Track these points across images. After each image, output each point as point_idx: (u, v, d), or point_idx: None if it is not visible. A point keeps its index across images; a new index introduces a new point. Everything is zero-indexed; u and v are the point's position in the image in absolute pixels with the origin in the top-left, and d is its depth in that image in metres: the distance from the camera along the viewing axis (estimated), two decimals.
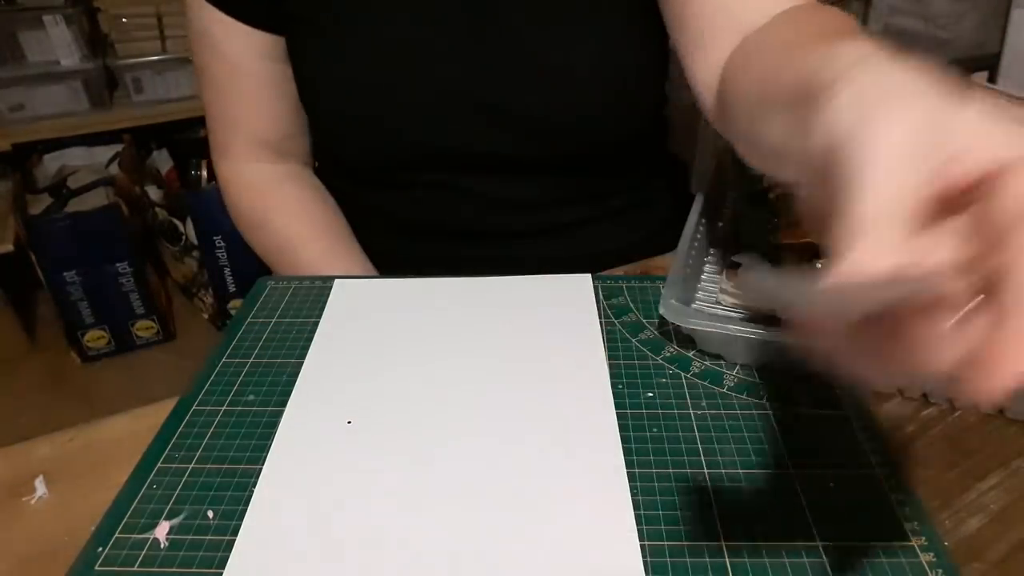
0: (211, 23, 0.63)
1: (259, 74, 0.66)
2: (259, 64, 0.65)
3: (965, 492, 0.41)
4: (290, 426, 0.46)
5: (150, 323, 1.73)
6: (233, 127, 0.69)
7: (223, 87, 0.67)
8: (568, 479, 0.42)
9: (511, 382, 0.49)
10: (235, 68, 0.65)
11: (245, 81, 0.66)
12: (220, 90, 0.67)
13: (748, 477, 0.42)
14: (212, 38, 0.64)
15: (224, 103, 0.68)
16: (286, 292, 0.59)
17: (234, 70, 0.65)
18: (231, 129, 0.69)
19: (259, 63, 0.65)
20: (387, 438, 0.45)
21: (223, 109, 0.68)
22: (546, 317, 0.55)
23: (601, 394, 0.47)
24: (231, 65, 0.65)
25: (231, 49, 0.64)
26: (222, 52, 0.64)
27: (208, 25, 0.63)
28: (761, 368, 0.50)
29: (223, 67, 0.65)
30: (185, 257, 1.83)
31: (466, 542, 0.38)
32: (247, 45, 0.64)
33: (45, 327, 1.78)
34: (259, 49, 0.64)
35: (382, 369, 0.50)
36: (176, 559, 0.38)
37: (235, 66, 0.65)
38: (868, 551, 0.37)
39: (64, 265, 1.58)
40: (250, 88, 0.66)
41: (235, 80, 0.66)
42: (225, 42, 0.63)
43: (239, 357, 0.52)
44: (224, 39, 0.63)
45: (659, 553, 0.37)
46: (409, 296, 0.58)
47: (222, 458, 0.44)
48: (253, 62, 0.65)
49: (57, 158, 1.78)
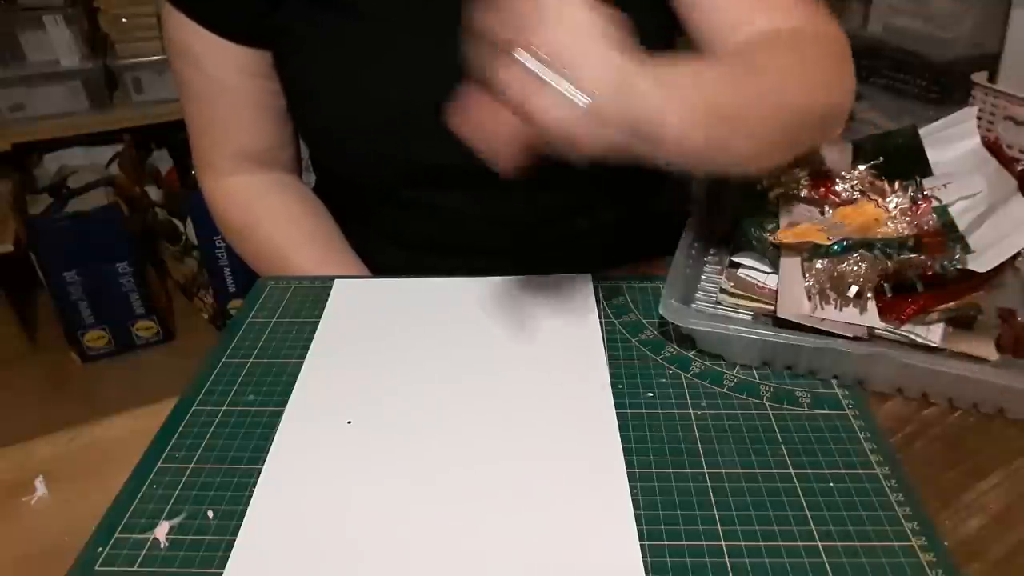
0: (191, 38, 0.61)
1: (241, 90, 0.64)
2: (241, 80, 0.63)
3: (965, 492, 0.41)
4: (290, 426, 0.46)
5: (150, 323, 1.73)
6: (216, 141, 0.67)
7: (204, 102, 0.65)
8: (568, 479, 0.42)
9: (511, 382, 0.49)
10: (217, 83, 0.63)
11: (228, 97, 0.64)
12: (201, 105, 0.66)
13: (748, 477, 0.42)
14: (192, 53, 0.62)
15: (206, 117, 0.66)
16: (286, 292, 0.59)
17: (216, 85, 0.64)
18: (214, 143, 0.67)
19: (241, 79, 0.63)
20: (387, 438, 0.45)
21: (205, 124, 0.67)
22: (546, 317, 0.55)
23: (601, 394, 0.47)
24: (213, 80, 0.63)
25: (212, 64, 0.62)
26: (203, 67, 0.62)
27: (188, 39, 0.61)
28: (761, 368, 0.50)
29: (204, 82, 0.64)
30: (185, 257, 1.83)
31: (466, 541, 0.38)
32: (229, 60, 0.62)
33: (45, 327, 1.78)
34: (241, 65, 0.62)
35: (382, 369, 0.51)
36: (176, 559, 0.38)
37: (217, 81, 0.63)
38: (868, 551, 0.37)
39: (64, 265, 1.58)
40: (233, 104, 0.65)
41: (217, 96, 0.64)
42: (206, 57, 0.62)
43: (239, 357, 0.52)
44: (205, 54, 0.62)
45: (659, 553, 0.37)
46: (409, 296, 0.58)
47: (222, 458, 0.44)
48: (235, 78, 0.63)
49: (57, 158, 1.78)
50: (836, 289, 0.50)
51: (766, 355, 0.50)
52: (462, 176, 0.62)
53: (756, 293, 0.54)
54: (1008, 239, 0.49)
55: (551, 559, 0.37)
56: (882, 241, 0.50)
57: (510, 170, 0.40)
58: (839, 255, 0.50)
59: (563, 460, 0.43)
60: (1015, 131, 0.91)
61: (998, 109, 0.93)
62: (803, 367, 0.49)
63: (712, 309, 0.55)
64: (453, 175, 0.63)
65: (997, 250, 0.49)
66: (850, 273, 0.50)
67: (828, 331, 0.48)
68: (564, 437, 0.44)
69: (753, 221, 0.56)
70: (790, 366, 0.50)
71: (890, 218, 0.53)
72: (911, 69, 1.52)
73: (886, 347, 0.47)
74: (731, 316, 0.53)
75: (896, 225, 0.52)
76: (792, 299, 0.50)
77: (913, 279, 0.49)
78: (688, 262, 0.56)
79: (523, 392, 0.48)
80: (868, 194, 0.56)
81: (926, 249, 0.49)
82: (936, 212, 0.52)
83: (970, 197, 0.55)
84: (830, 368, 0.49)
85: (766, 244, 0.54)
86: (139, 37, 1.62)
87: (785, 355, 0.49)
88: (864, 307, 0.49)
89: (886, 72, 1.59)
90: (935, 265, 0.49)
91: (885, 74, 1.59)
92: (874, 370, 0.47)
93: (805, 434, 0.44)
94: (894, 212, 0.53)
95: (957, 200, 0.55)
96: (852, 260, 0.50)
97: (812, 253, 0.51)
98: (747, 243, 0.56)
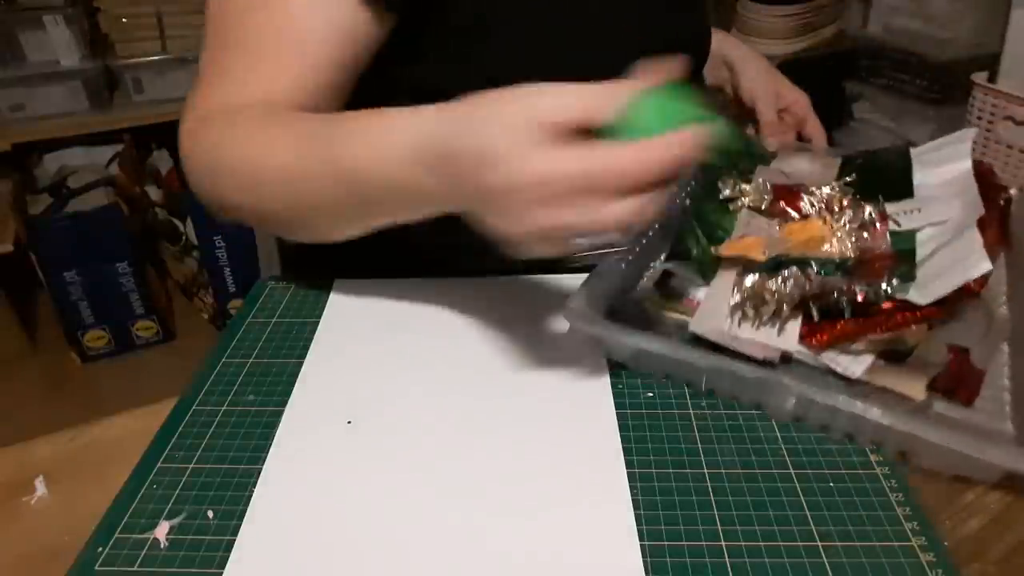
0: None
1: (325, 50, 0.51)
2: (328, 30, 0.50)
3: (965, 492, 0.41)
4: (290, 426, 0.46)
5: (150, 323, 1.73)
6: (243, 88, 0.51)
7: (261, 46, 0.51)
8: (568, 479, 0.42)
9: (511, 382, 0.49)
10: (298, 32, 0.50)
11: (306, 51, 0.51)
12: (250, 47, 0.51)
13: (748, 477, 0.42)
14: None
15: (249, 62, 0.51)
16: (286, 292, 0.59)
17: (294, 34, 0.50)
18: (238, 89, 0.51)
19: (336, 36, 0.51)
20: (387, 438, 0.45)
21: (243, 68, 0.51)
22: (546, 317, 0.54)
23: (601, 394, 0.47)
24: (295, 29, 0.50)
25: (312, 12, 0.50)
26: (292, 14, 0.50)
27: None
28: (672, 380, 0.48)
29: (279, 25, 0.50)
30: (185, 257, 1.83)
31: (466, 542, 0.38)
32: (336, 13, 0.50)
33: (45, 327, 1.77)
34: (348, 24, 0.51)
35: (382, 369, 0.50)
36: (176, 559, 0.38)
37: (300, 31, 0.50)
38: (868, 551, 0.37)
39: (64, 265, 1.58)
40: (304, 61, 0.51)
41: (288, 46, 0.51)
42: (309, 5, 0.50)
43: (239, 357, 0.52)
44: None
45: (659, 553, 0.37)
46: (409, 296, 0.58)
47: (222, 458, 0.44)
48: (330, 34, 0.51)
49: (57, 158, 1.78)
50: (755, 307, 0.47)
51: (669, 369, 0.47)
52: None
53: (684, 305, 0.51)
54: (954, 270, 0.45)
55: (551, 559, 0.37)
56: (818, 260, 0.47)
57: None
58: (769, 272, 0.48)
59: (563, 460, 0.43)
60: (1015, 131, 0.91)
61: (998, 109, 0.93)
62: (703, 386, 0.47)
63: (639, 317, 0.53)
64: None
65: (942, 282, 0.44)
66: (772, 291, 0.47)
67: (739, 352, 0.46)
68: (564, 437, 0.44)
69: (694, 232, 0.54)
70: (689, 383, 0.47)
71: (835, 237, 0.50)
72: (911, 69, 1.52)
73: (791, 375, 0.44)
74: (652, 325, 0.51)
75: (840, 245, 0.49)
76: (710, 314, 0.48)
77: (842, 303, 0.46)
78: (623, 263, 0.53)
79: (523, 392, 0.48)
80: (824, 212, 0.53)
81: (865, 273, 0.46)
82: (892, 236, 0.49)
83: (938, 224, 0.51)
84: (728, 390, 0.46)
85: (706, 255, 0.52)
86: (139, 37, 1.62)
87: (684, 372, 0.47)
88: (782, 328, 0.46)
89: (886, 72, 1.59)
90: (868, 291, 0.45)
91: (885, 74, 1.59)
92: (769, 398, 0.44)
93: (805, 434, 0.44)
94: (839, 231, 0.50)
95: (925, 226, 0.51)
96: (780, 278, 0.47)
97: (745, 268, 0.49)
98: (684, 251, 0.54)
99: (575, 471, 0.42)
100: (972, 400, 0.45)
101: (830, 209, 0.53)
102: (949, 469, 0.41)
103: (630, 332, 0.46)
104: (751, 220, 0.55)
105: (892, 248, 0.49)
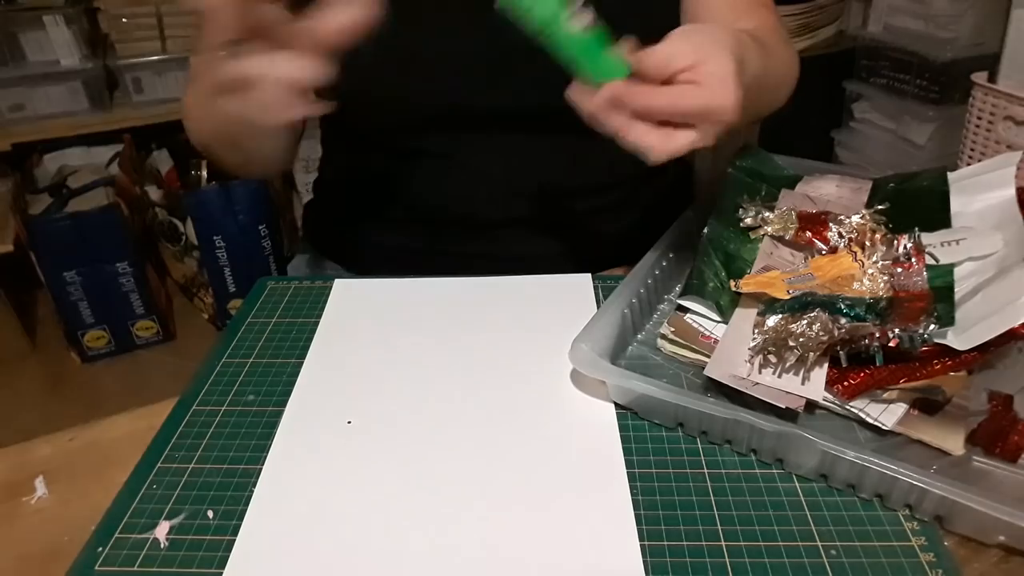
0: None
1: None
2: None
3: None
4: (290, 426, 0.46)
5: (150, 323, 1.73)
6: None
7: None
8: (568, 479, 0.42)
9: (511, 382, 0.49)
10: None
11: None
12: None
13: (748, 477, 0.42)
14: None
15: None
16: (286, 292, 0.59)
17: None
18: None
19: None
20: (387, 438, 0.45)
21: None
22: (546, 317, 0.54)
23: (601, 394, 0.47)
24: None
25: None
26: None
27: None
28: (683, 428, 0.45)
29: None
30: (185, 257, 1.83)
31: (466, 542, 0.38)
32: None
33: (45, 327, 1.77)
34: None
35: (382, 369, 0.50)
36: (176, 559, 0.38)
37: None
38: (868, 551, 0.37)
39: (64, 265, 1.58)
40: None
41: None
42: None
43: (239, 357, 0.52)
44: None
45: (659, 553, 0.37)
46: (409, 296, 0.58)
47: (222, 458, 0.44)
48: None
49: (57, 158, 1.78)
50: (777, 352, 0.43)
51: (680, 417, 0.44)
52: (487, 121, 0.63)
53: (699, 343, 0.47)
54: (1000, 314, 0.40)
55: (551, 559, 0.37)
56: (847, 301, 0.43)
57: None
58: (795, 312, 0.43)
59: (563, 460, 0.43)
60: (1015, 131, 0.91)
61: (998, 109, 0.93)
62: (718, 436, 0.43)
63: (652, 355, 0.50)
64: (459, 116, 0.63)
65: (985, 326, 0.40)
66: (797, 335, 0.42)
67: (760, 399, 0.42)
68: (564, 437, 0.44)
69: (712, 262, 0.50)
70: (705, 432, 0.43)
71: (866, 275, 0.46)
72: (911, 69, 1.52)
73: (811, 429, 0.39)
74: (664, 366, 0.48)
75: (872, 284, 0.45)
76: (729, 357, 0.44)
77: (873, 350, 0.41)
78: (633, 299, 0.50)
79: (523, 392, 0.48)
80: (853, 244, 0.48)
81: (899, 315, 0.42)
82: (929, 272, 0.45)
83: (981, 259, 0.46)
84: (746, 442, 0.42)
85: (722, 290, 0.48)
86: (139, 37, 1.62)
87: (698, 422, 0.43)
88: (807, 376, 0.42)
89: (886, 72, 1.59)
90: (902, 337, 0.40)
91: (885, 74, 1.60)
92: (790, 454, 0.40)
93: None
94: (870, 268, 0.46)
95: (965, 260, 0.46)
96: (806, 321, 0.42)
97: (767, 307, 0.45)
98: (698, 286, 0.49)
99: (575, 471, 0.42)
100: (1018, 456, 0.40)
101: (860, 243, 0.49)
102: (990, 537, 0.37)
103: (639, 377, 0.43)
104: (774, 251, 0.51)
105: (928, 285, 0.45)
